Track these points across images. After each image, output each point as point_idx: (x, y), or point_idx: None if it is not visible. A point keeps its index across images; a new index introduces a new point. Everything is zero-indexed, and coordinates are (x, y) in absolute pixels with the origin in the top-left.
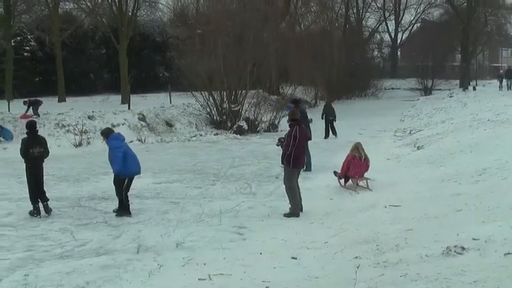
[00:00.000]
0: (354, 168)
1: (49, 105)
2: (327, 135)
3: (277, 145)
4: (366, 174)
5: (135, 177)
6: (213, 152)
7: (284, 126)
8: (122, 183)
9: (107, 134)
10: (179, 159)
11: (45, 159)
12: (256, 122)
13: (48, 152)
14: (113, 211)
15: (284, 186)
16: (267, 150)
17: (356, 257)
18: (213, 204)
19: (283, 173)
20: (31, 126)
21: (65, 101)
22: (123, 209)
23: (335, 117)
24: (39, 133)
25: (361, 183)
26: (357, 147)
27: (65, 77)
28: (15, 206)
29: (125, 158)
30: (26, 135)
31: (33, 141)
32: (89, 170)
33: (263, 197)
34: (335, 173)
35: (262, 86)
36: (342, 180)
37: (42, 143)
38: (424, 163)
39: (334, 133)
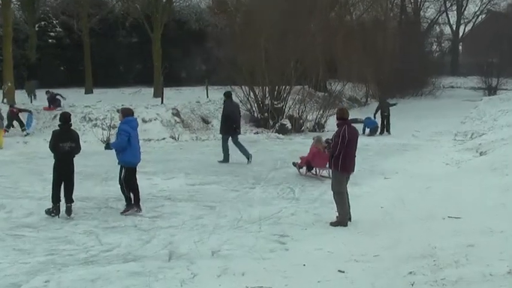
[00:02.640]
0: (319, 160)
1: (75, 96)
2: (382, 131)
3: (325, 147)
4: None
5: (162, 178)
6: (253, 152)
7: (332, 126)
8: (133, 175)
9: (125, 113)
10: (215, 159)
11: (75, 156)
12: (301, 121)
13: (80, 148)
14: (121, 213)
15: (332, 191)
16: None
17: (410, 273)
18: (252, 209)
19: (330, 177)
20: (65, 119)
21: (92, 92)
22: (128, 204)
23: (389, 112)
24: (72, 127)
25: (323, 172)
26: (320, 140)
27: (93, 67)
28: (36, 206)
29: (129, 145)
30: (58, 128)
31: (65, 135)
32: (118, 168)
33: (307, 203)
34: (294, 164)
35: (307, 81)
36: (303, 169)
37: (74, 137)
38: (487, 170)
39: (388, 130)
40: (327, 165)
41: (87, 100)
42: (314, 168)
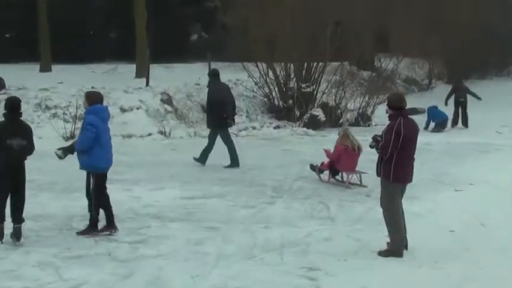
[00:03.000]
0: (347, 161)
1: (26, 75)
2: (455, 123)
3: (372, 146)
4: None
5: (148, 189)
6: (273, 154)
7: (381, 118)
8: (103, 183)
9: (92, 99)
10: (220, 164)
11: (27, 157)
12: (339, 111)
13: (33, 147)
14: (77, 233)
15: (381, 209)
16: None
17: None
18: (270, 232)
19: (379, 190)
20: (12, 106)
21: (51, 70)
22: (94, 224)
23: (466, 99)
24: (21, 118)
25: (352, 178)
26: (347, 135)
27: (52, 35)
28: None
29: (97, 143)
30: (2, 119)
31: (13, 129)
32: (85, 175)
33: (346, 224)
34: (313, 167)
35: (348, 56)
36: (325, 174)
37: (25, 132)
38: None
39: (465, 122)
40: (356, 169)
41: (43, 81)
42: (340, 173)
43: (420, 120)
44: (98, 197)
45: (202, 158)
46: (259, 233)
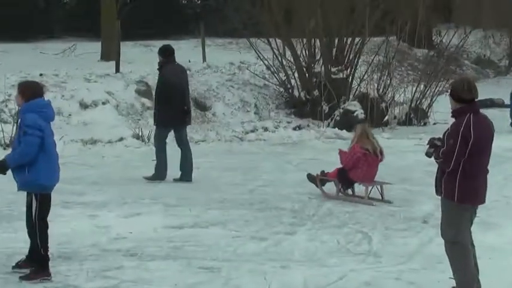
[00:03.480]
0: (365, 169)
1: None
2: None
3: (429, 155)
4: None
5: (119, 215)
6: (292, 165)
7: (443, 114)
8: (48, 207)
9: (30, 92)
10: (221, 179)
11: None
12: (383, 104)
13: None
14: (13, 267)
15: (443, 240)
16: (405, 164)
17: None
18: (289, 274)
19: (439, 214)
20: None
21: None
22: (42, 265)
23: None
24: None
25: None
26: (366, 133)
27: None
28: None
29: (41, 151)
30: None
31: None
32: (23, 197)
33: (395, 262)
34: (311, 177)
35: (395, 30)
36: (337, 188)
37: None
38: None
39: None
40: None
41: None
42: (353, 185)
43: (498, 116)
44: (43, 227)
45: (184, 176)
46: (274, 275)
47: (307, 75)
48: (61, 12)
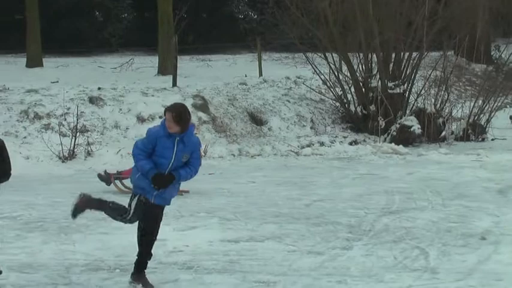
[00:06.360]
0: None
1: (8, 72)
2: None
3: None
4: None
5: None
6: (348, 180)
7: (504, 130)
8: None
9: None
10: (276, 193)
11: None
12: (440, 120)
13: (8, 171)
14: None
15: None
16: (464, 181)
17: None
18: None
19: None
20: None
21: (42, 65)
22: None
23: None
24: None
25: None
26: None
27: (43, 18)
28: None
29: None
30: None
31: None
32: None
33: (452, 278)
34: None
35: (453, 45)
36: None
37: None
38: None
39: None
40: None
41: (31, 79)
42: None
43: None
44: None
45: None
46: None
47: (363, 89)
48: (119, 27)
